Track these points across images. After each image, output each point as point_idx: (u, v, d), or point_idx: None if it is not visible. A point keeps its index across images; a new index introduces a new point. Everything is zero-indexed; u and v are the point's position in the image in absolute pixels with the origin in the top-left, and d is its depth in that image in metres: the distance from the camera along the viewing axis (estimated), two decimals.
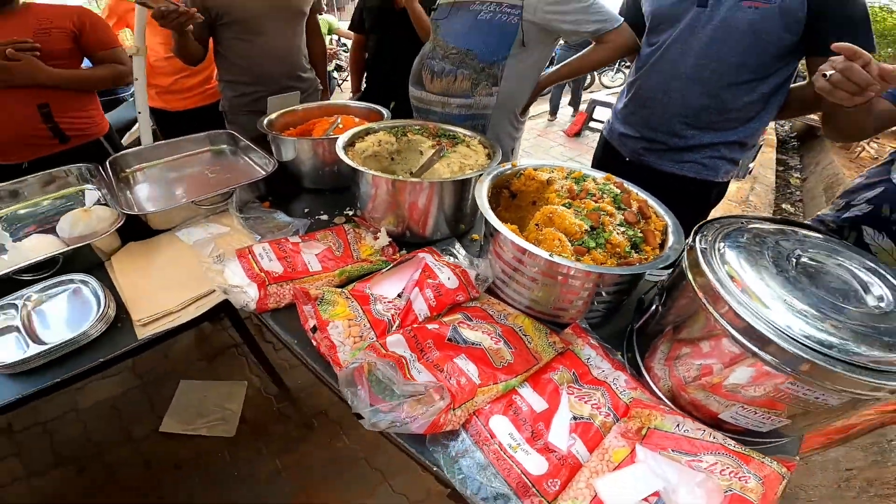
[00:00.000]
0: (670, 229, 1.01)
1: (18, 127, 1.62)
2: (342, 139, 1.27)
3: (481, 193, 1.04)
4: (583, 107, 6.54)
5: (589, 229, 0.96)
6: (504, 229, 0.94)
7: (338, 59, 7.05)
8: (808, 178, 5.45)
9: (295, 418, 1.90)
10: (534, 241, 0.98)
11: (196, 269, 1.12)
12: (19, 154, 1.68)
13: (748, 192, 4.47)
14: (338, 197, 1.39)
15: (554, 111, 6.84)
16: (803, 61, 1.29)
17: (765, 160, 5.46)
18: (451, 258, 1.15)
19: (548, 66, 1.68)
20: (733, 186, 4.47)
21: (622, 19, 1.48)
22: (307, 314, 0.99)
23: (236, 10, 1.78)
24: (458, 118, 1.60)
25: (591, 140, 6.04)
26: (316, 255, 1.11)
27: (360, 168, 1.14)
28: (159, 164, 1.64)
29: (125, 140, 2.97)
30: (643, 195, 1.10)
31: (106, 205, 1.29)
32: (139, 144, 2.01)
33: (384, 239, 1.18)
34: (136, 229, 1.25)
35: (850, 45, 0.90)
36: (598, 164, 1.77)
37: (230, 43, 1.87)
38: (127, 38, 2.39)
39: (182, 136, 1.70)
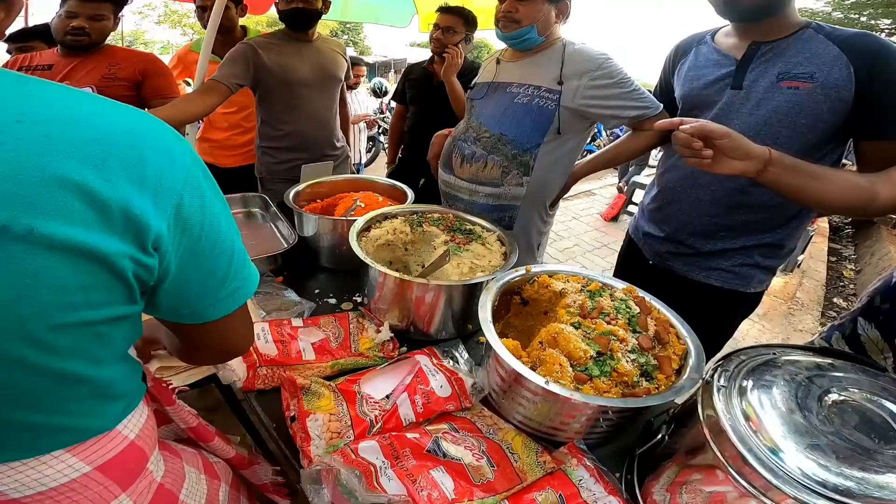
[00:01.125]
0: (692, 353, 0.93)
1: None
2: (357, 225, 1.27)
3: (486, 304, 1.01)
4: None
5: (595, 355, 0.91)
6: (502, 350, 0.90)
7: (385, 123, 7.14)
8: (863, 269, 5.09)
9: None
10: (535, 359, 0.93)
11: None
12: None
13: (796, 287, 4.23)
14: (350, 280, 1.38)
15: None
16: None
17: (815, 251, 5.18)
18: (451, 362, 1.11)
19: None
20: (780, 281, 4.24)
21: (661, 106, 1.44)
22: (290, 403, 0.97)
23: (284, 74, 1.89)
24: (484, 208, 1.57)
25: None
26: (312, 343, 1.10)
27: (369, 262, 1.13)
28: None
29: None
30: (666, 312, 1.04)
31: None
32: None
33: (386, 334, 1.15)
34: None
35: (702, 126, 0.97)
36: (621, 263, 1.70)
37: (274, 109, 1.97)
38: (187, 89, 2.57)
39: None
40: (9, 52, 2.38)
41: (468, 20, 2.38)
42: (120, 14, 1.86)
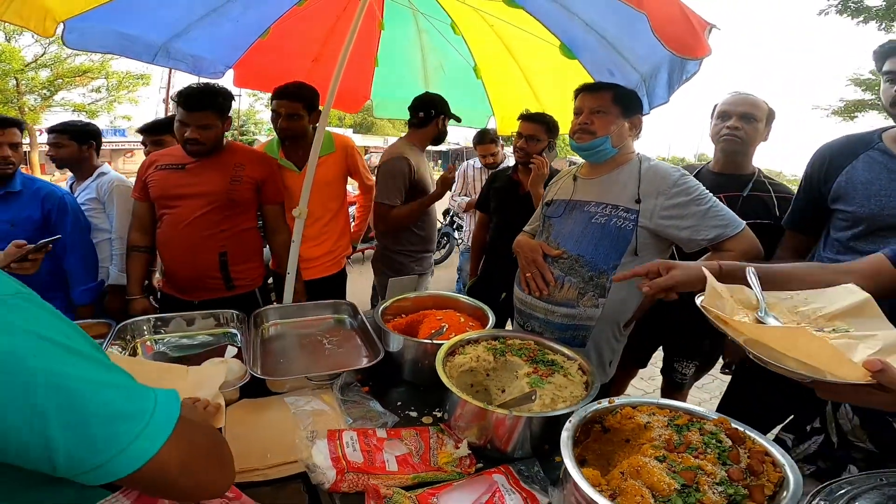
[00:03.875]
0: (789, 481, 0.88)
1: (200, 270, 1.97)
2: (443, 351, 1.35)
3: (567, 435, 1.02)
4: None
5: (680, 487, 0.90)
6: (581, 480, 0.91)
7: (459, 218, 6.86)
8: None
9: None
10: (616, 488, 0.93)
11: (291, 436, 1.23)
12: (193, 293, 2.03)
13: None
14: (431, 395, 1.45)
15: None
16: None
17: None
18: (528, 482, 1.12)
19: None
20: None
21: (743, 224, 1.41)
22: None
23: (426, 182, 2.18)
24: (559, 327, 1.62)
25: None
26: (396, 456, 1.16)
27: (454, 390, 1.20)
28: (289, 322, 1.91)
29: None
30: (762, 442, 0.99)
31: (239, 358, 1.51)
32: None
33: (464, 450, 1.19)
34: (254, 384, 1.42)
35: None
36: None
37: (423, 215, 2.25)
38: None
39: None
40: (143, 143, 2.62)
41: (550, 127, 2.39)
42: (229, 115, 1.98)
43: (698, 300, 1.02)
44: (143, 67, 15.86)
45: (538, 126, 2.39)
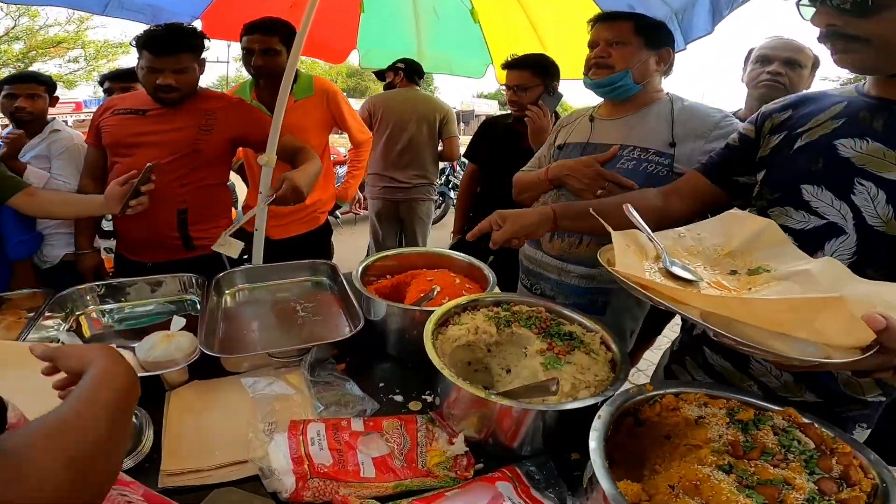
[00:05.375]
0: (891, 491, 0.68)
1: (156, 228, 1.71)
2: (432, 321, 1.08)
3: (597, 440, 0.77)
4: None
5: None
6: (616, 496, 0.67)
7: (455, 177, 6.70)
8: None
9: None
10: None
11: (245, 428, 1.00)
12: (148, 253, 1.79)
13: None
14: (420, 374, 1.19)
15: None
16: None
17: None
18: (541, 490, 0.88)
19: None
20: None
21: None
22: None
23: None
24: (575, 290, 1.37)
25: None
26: (373, 457, 0.91)
27: (446, 374, 0.93)
28: (262, 286, 1.65)
29: None
30: (845, 441, 0.76)
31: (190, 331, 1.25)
32: None
33: (460, 446, 0.95)
34: (208, 362, 1.17)
35: None
36: None
37: None
38: None
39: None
40: (109, 90, 2.35)
41: (543, 69, 2.04)
42: (203, 57, 1.74)
43: (602, 259, 0.91)
44: (122, 35, 15.96)
45: (524, 72, 2.03)
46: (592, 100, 1.51)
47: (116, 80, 2.33)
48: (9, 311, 1.41)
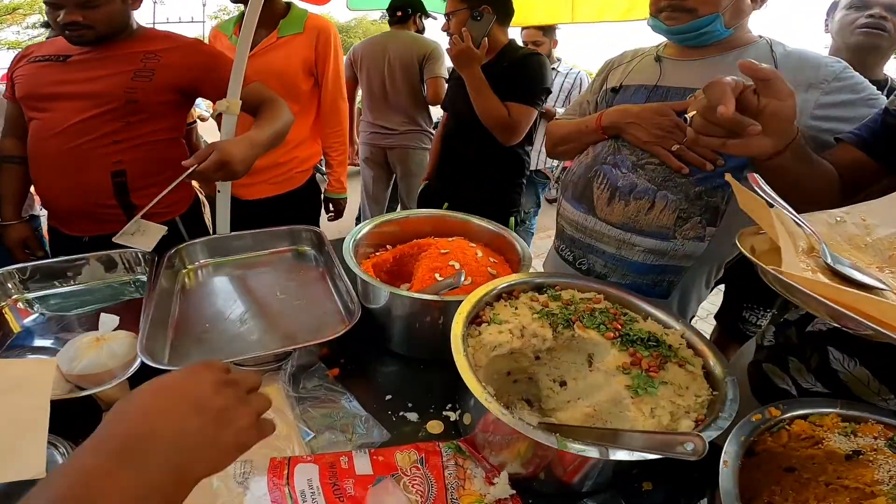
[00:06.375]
0: None
1: (86, 196, 1.38)
2: (460, 321, 0.77)
3: (728, 489, 0.52)
4: None
5: None
6: None
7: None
8: None
9: None
10: None
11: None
12: (82, 227, 1.46)
13: None
14: (437, 378, 0.91)
15: None
16: None
17: None
18: None
19: None
20: None
21: None
22: None
23: None
24: (638, 268, 1.09)
25: None
26: None
27: (484, 402, 0.64)
28: (230, 261, 1.34)
29: None
30: None
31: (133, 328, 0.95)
32: None
33: (504, 488, 0.69)
34: (155, 373, 0.87)
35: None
36: None
37: None
38: None
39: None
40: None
41: None
42: None
43: (744, 245, 0.70)
44: None
45: None
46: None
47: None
48: None
